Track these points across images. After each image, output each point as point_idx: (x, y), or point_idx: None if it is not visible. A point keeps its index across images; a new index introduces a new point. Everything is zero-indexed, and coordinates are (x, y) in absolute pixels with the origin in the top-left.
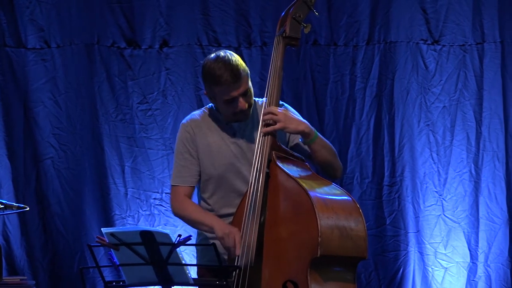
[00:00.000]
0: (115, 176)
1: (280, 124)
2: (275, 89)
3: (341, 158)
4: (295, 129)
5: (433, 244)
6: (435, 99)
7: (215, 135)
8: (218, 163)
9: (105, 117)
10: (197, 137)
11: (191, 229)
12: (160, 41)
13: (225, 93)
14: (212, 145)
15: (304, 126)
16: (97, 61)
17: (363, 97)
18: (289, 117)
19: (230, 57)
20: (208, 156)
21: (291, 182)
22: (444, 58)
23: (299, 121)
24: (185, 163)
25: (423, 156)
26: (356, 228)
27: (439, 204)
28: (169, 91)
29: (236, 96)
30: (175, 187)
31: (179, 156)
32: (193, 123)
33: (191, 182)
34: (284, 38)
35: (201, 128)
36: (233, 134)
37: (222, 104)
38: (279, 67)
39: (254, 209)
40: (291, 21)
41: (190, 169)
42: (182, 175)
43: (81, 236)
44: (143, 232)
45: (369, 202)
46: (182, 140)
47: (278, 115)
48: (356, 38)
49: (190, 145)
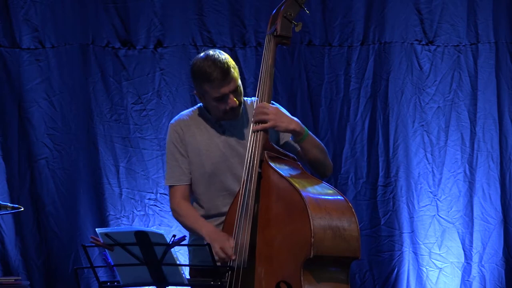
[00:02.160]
0: (110, 176)
1: (271, 122)
2: (267, 88)
3: (336, 158)
4: (286, 127)
5: (428, 245)
6: (429, 100)
7: (204, 133)
8: (207, 161)
9: (99, 117)
10: (186, 136)
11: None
12: (154, 41)
13: (215, 90)
14: (201, 143)
15: (295, 124)
16: (92, 62)
17: (358, 97)
18: (280, 115)
19: (219, 55)
20: (197, 155)
21: (283, 182)
22: (438, 58)
23: (290, 119)
24: (177, 162)
25: (418, 156)
26: (349, 228)
27: (433, 205)
28: (164, 91)
29: (226, 93)
30: (171, 188)
31: (170, 156)
32: (181, 123)
33: (185, 180)
34: (275, 37)
35: (189, 127)
36: (223, 132)
37: (212, 102)
38: (271, 65)
39: (246, 210)
40: (282, 20)
41: (182, 168)
42: (175, 174)
43: (76, 237)
44: (137, 233)
45: (364, 202)
46: (171, 140)
47: (269, 113)
48: (351, 38)
49: (179, 144)
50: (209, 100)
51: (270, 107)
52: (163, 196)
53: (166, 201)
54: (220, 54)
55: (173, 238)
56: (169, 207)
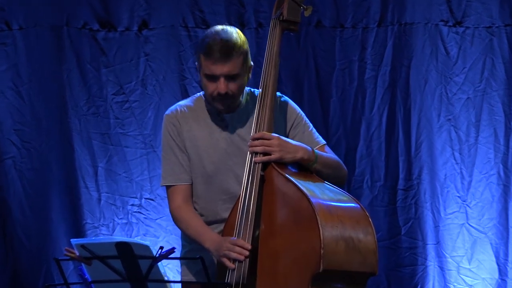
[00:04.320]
0: (87, 179)
1: (276, 155)
2: (271, 80)
3: (349, 158)
4: (293, 158)
5: (456, 258)
6: (457, 90)
7: (203, 128)
8: (207, 160)
9: (75, 110)
10: (183, 130)
11: (175, 240)
12: (138, 22)
13: (208, 66)
14: (199, 140)
15: (302, 152)
16: (66, 46)
17: (374, 87)
18: (285, 145)
19: (233, 35)
20: (195, 152)
21: (289, 186)
22: (468, 42)
23: (295, 147)
24: (176, 158)
25: (444, 155)
26: (364, 239)
27: (462, 211)
28: (150, 80)
29: (217, 75)
30: (170, 188)
31: (168, 151)
32: (178, 114)
33: (186, 179)
34: (281, 22)
35: (187, 120)
36: (225, 126)
37: (203, 79)
38: (276, 54)
39: (247, 218)
40: (289, 3)
41: (183, 166)
42: (174, 172)
43: (47, 248)
44: (119, 244)
45: (381, 208)
46: (168, 132)
47: (272, 145)
48: (366, 19)
49: (177, 138)
50: (202, 75)
51: (271, 137)
52: (148, 202)
53: (151, 207)
54: (235, 34)
55: (160, 251)
56: (155, 215)
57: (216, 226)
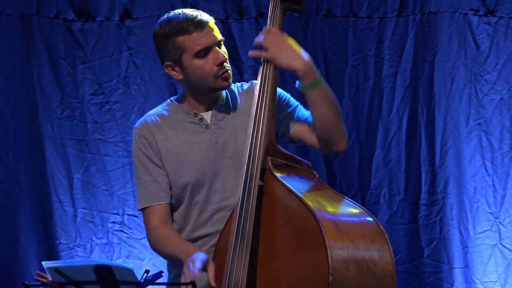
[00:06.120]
0: (60, 192)
1: (269, 53)
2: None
3: (363, 168)
4: (288, 64)
5: (487, 284)
6: (489, 90)
7: (180, 133)
8: (189, 168)
9: (46, 112)
10: (158, 140)
11: (162, 262)
12: (120, 11)
13: (195, 41)
14: (178, 146)
15: (302, 63)
16: (37, 38)
17: (393, 86)
18: (286, 47)
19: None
20: (174, 162)
21: (292, 199)
22: (501, 34)
23: (295, 54)
24: (150, 176)
25: (474, 165)
26: (380, 261)
27: (494, 230)
28: (133, 78)
29: (209, 46)
30: (145, 210)
31: (141, 170)
32: (149, 125)
33: (164, 198)
34: (282, 1)
35: (160, 128)
36: (206, 126)
37: (195, 62)
38: None
39: (242, 237)
40: None
41: (159, 182)
42: (150, 192)
43: (15, 272)
44: (98, 267)
45: (401, 227)
46: (139, 148)
47: (274, 40)
48: (384, 7)
49: (149, 152)
50: (190, 62)
51: (279, 35)
52: (131, 219)
53: (135, 225)
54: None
55: (145, 275)
56: (140, 234)
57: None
